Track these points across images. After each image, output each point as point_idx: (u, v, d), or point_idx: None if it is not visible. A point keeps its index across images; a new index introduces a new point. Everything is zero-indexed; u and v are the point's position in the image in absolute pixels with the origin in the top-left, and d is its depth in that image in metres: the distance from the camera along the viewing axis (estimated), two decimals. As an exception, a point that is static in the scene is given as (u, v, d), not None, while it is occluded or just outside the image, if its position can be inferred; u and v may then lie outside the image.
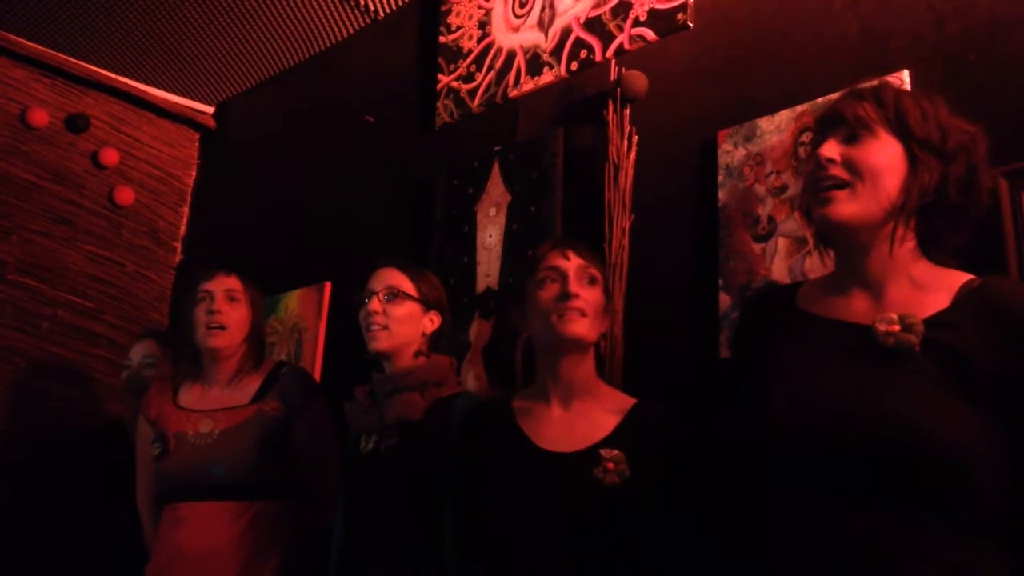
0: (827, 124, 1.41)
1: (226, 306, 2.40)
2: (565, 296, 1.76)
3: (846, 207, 1.35)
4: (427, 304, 2.14)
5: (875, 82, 1.43)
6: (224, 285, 2.42)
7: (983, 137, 1.36)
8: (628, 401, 1.79)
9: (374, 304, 2.09)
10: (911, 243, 1.35)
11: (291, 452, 2.31)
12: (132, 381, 2.85)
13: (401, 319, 2.09)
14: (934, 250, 1.37)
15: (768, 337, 1.45)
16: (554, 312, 1.76)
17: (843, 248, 1.42)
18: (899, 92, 1.39)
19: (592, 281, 1.81)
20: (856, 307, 1.37)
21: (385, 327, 2.08)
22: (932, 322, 1.27)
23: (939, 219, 1.34)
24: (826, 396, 1.28)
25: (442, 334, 2.18)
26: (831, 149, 1.37)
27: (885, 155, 1.34)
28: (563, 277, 1.78)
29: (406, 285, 2.12)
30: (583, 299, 1.77)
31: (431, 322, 2.15)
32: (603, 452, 1.67)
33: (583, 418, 1.76)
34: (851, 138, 1.37)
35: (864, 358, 1.28)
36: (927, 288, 1.33)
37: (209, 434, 2.29)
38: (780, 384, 1.34)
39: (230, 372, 2.41)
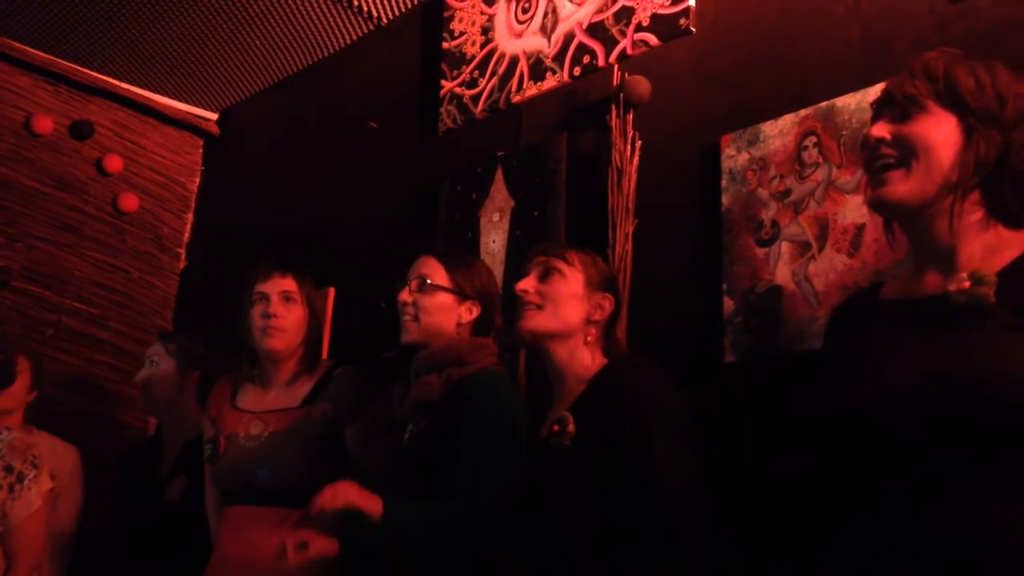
0: (880, 106, 1.39)
1: (282, 308, 2.33)
2: (515, 295, 1.85)
3: (900, 186, 1.32)
4: (462, 294, 2.07)
5: (934, 53, 1.39)
6: (280, 287, 2.36)
7: None
8: (599, 366, 1.81)
9: (404, 294, 2.06)
10: (978, 214, 1.31)
11: (341, 458, 2.23)
12: (138, 384, 2.90)
13: (430, 310, 2.04)
14: (1006, 222, 1.32)
15: (847, 333, 1.43)
16: (515, 311, 1.85)
17: (910, 232, 1.39)
18: (951, 63, 1.34)
19: (547, 274, 1.84)
20: (930, 282, 1.33)
21: (415, 318, 2.04)
22: (1006, 272, 1.24)
23: (1006, 189, 1.30)
24: (907, 372, 1.24)
25: (487, 324, 2.10)
26: (881, 129, 1.35)
27: (937, 129, 1.31)
28: (522, 277, 1.86)
29: (438, 275, 2.07)
30: (534, 293, 1.83)
31: (468, 312, 2.07)
32: (553, 418, 1.72)
33: (565, 401, 1.79)
34: (903, 116, 1.34)
35: (942, 325, 1.25)
36: (999, 248, 1.29)
37: (258, 436, 2.26)
38: (864, 371, 1.32)
39: (288, 374, 2.36)
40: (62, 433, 3.12)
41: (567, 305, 1.82)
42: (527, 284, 1.83)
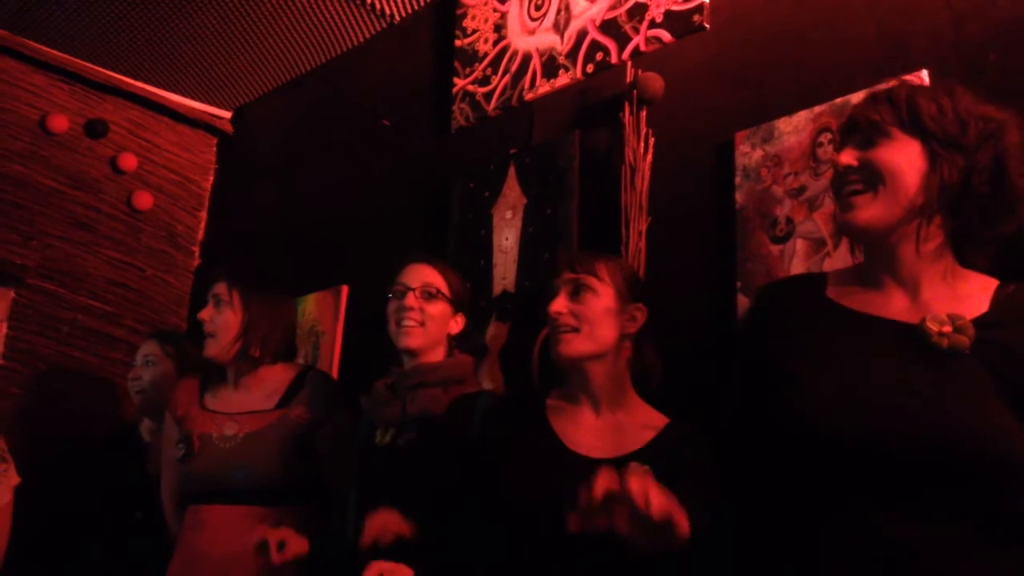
0: (847, 131, 1.42)
1: (211, 312, 2.37)
2: (549, 317, 1.78)
3: (866, 212, 1.35)
4: (457, 305, 2.14)
5: (894, 82, 1.42)
6: (213, 291, 2.40)
7: (1015, 124, 1.34)
8: (661, 419, 1.77)
9: (410, 300, 2.08)
10: (938, 240, 1.34)
11: (314, 459, 2.28)
12: (132, 382, 2.90)
13: (436, 318, 2.09)
14: (969, 245, 1.35)
15: (796, 328, 1.43)
16: (551, 334, 1.79)
17: (874, 251, 1.42)
18: (913, 90, 1.38)
19: (577, 291, 1.79)
20: (894, 304, 1.35)
21: (422, 324, 2.07)
22: (977, 324, 1.26)
23: (970, 213, 1.32)
24: (880, 394, 1.26)
25: (464, 337, 2.18)
26: (848, 155, 1.38)
27: (901, 155, 1.34)
28: (553, 296, 1.80)
29: (441, 284, 2.12)
30: (568, 315, 1.77)
31: (456, 324, 2.15)
32: (633, 465, 1.63)
33: (615, 428, 1.75)
34: (868, 142, 1.37)
35: (914, 358, 1.27)
36: (961, 290, 1.33)
37: (233, 437, 2.28)
38: (822, 378, 1.32)
39: (238, 373, 2.38)
40: (75, 431, 3.14)
41: (602, 323, 1.78)
42: (560, 306, 1.78)
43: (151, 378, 2.86)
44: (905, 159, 1.33)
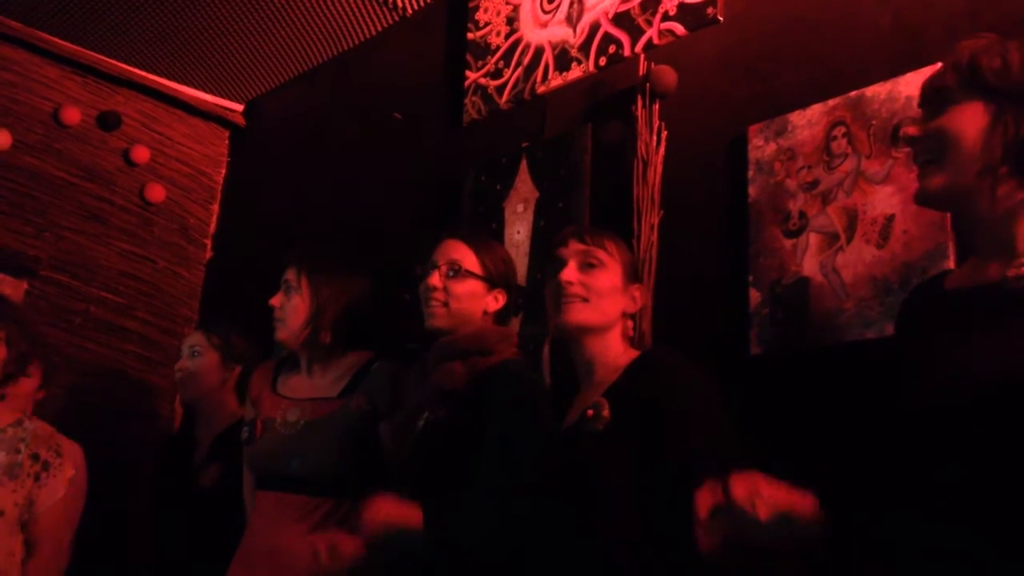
0: (920, 107, 1.41)
1: (280, 298, 2.36)
2: (558, 284, 1.79)
3: (934, 179, 1.34)
4: (491, 282, 2.07)
5: (965, 42, 1.39)
6: (284, 276, 2.39)
7: None
8: (634, 355, 1.79)
9: (434, 279, 2.03)
10: (1022, 194, 1.30)
11: (373, 451, 2.22)
12: (177, 373, 2.92)
13: (461, 297, 2.03)
14: None
15: (919, 325, 1.42)
16: (556, 301, 1.80)
17: (967, 224, 1.40)
18: (977, 49, 1.35)
19: (591, 265, 1.81)
20: (992, 270, 1.32)
21: (445, 304, 2.02)
22: None
23: None
24: (967, 363, 1.24)
25: (508, 313, 2.10)
26: (913, 128, 1.37)
27: (962, 119, 1.32)
28: (562, 265, 1.81)
29: (469, 260, 2.06)
30: (579, 284, 1.79)
31: (495, 300, 2.08)
32: (586, 404, 1.70)
33: (596, 389, 1.77)
34: (936, 111, 1.35)
35: (1000, 313, 1.25)
36: None
37: (295, 423, 2.27)
38: (929, 366, 1.31)
39: (310, 359, 2.38)
40: (88, 423, 3.15)
41: (609, 299, 1.80)
42: (571, 275, 1.80)
43: (195, 369, 2.87)
44: (967, 120, 1.31)
